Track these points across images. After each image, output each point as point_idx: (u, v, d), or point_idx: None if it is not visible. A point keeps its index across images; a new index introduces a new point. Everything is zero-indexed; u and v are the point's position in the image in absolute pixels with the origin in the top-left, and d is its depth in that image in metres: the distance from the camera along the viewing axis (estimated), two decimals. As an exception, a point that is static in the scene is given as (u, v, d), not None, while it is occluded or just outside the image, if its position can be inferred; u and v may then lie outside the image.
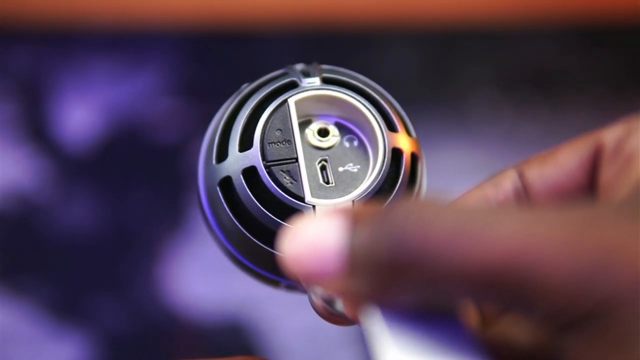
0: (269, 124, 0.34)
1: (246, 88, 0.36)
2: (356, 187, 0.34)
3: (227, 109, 0.35)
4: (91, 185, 0.77)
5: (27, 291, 0.74)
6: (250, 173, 0.34)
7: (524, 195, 0.31)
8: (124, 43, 0.84)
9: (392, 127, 0.35)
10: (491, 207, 0.26)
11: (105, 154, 0.79)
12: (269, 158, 0.34)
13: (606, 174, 0.29)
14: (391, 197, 0.34)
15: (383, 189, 0.34)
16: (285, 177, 0.34)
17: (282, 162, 0.34)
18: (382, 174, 0.34)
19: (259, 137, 0.34)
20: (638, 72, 0.84)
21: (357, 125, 0.35)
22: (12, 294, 0.74)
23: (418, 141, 0.36)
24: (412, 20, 0.83)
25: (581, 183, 0.30)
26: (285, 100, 0.35)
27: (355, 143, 0.35)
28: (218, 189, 0.34)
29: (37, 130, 0.80)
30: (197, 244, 0.76)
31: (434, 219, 0.24)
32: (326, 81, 0.35)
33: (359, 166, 0.35)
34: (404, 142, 0.35)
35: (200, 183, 0.36)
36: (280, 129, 0.34)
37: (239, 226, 0.34)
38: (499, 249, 0.24)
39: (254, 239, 0.34)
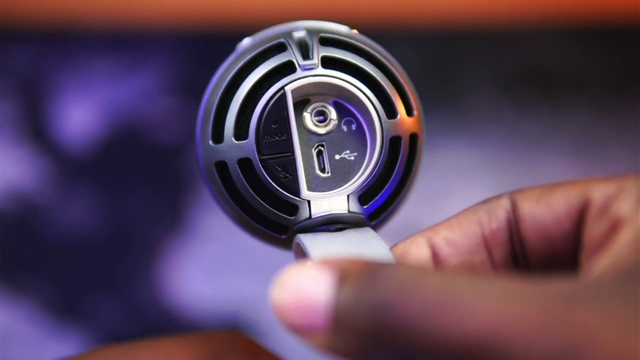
0: (265, 114, 0.33)
1: (242, 58, 0.34)
2: (352, 178, 0.34)
3: (222, 81, 0.35)
4: (91, 185, 0.77)
5: (27, 291, 0.74)
6: (245, 163, 0.34)
7: (515, 228, 0.31)
8: (123, 43, 0.84)
9: (392, 112, 0.34)
10: (473, 277, 0.26)
11: (105, 153, 0.79)
12: (265, 152, 0.33)
13: (590, 232, 0.29)
14: (387, 185, 0.34)
15: (379, 177, 0.34)
16: (280, 172, 0.34)
17: (278, 156, 0.34)
18: (379, 166, 0.34)
19: (254, 129, 0.33)
20: (638, 72, 0.84)
21: (356, 109, 0.34)
22: (12, 294, 0.74)
23: (420, 116, 0.35)
24: (412, 20, 0.83)
25: (568, 232, 0.30)
26: (282, 88, 0.33)
27: (354, 127, 0.35)
28: (215, 169, 0.34)
29: (36, 130, 0.80)
30: (197, 244, 0.76)
31: (416, 287, 0.25)
32: (326, 62, 0.34)
33: (355, 153, 0.34)
34: (404, 127, 0.34)
35: (198, 156, 0.35)
36: (276, 121, 0.33)
37: (236, 207, 0.35)
38: (476, 323, 0.24)
39: (251, 220, 0.35)
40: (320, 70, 0.33)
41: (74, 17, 0.84)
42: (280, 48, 0.34)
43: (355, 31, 0.36)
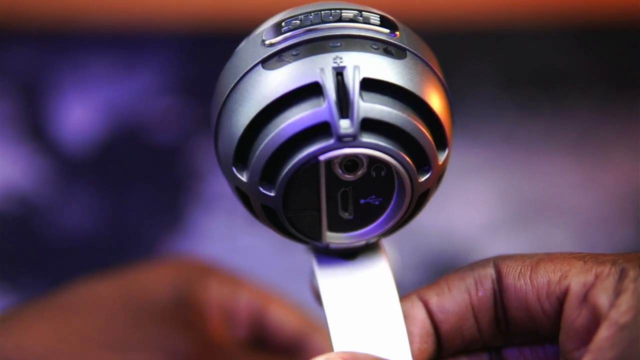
0: (296, 177, 0.31)
1: (271, 82, 0.30)
2: (374, 222, 0.33)
3: (247, 104, 0.31)
4: (90, 184, 0.77)
5: (27, 291, 0.74)
6: (269, 209, 0.32)
7: (499, 297, 0.33)
8: (123, 42, 0.83)
9: (425, 167, 0.32)
10: None
11: (104, 153, 0.79)
12: (291, 208, 0.32)
13: (570, 318, 0.31)
14: (407, 223, 0.34)
15: (402, 222, 0.33)
16: (305, 225, 0.32)
17: (304, 212, 0.32)
18: (403, 217, 0.33)
19: (282, 187, 0.31)
20: (639, 71, 0.84)
21: (390, 165, 0.31)
22: (11, 294, 0.74)
23: (451, 147, 0.33)
24: (412, 20, 0.83)
25: (548, 311, 0.32)
26: (315, 157, 0.30)
27: (383, 172, 0.32)
28: (236, 191, 0.33)
29: (36, 129, 0.79)
30: (197, 244, 0.76)
31: None
32: (366, 124, 0.30)
33: (382, 199, 0.32)
34: (434, 177, 0.32)
35: (217, 159, 0.33)
36: (306, 183, 0.31)
37: (258, 219, 0.33)
38: None
39: (274, 230, 0.34)
40: (359, 140, 0.30)
41: (73, 16, 0.84)
42: (315, 91, 0.30)
43: (397, 34, 0.32)
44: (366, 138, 0.30)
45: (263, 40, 0.31)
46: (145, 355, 0.46)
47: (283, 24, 0.32)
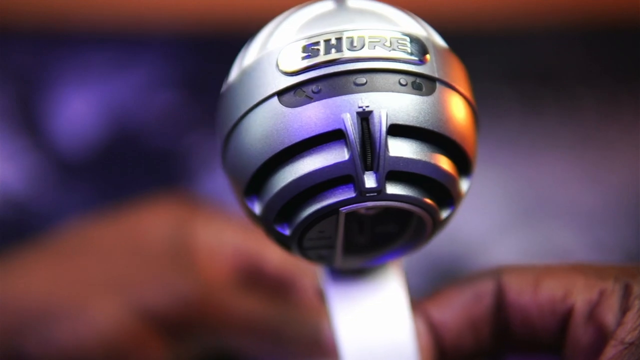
0: (312, 224, 0.29)
1: (292, 121, 0.28)
2: (389, 248, 0.32)
3: (264, 139, 0.28)
4: (86, 181, 0.77)
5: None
6: (283, 242, 0.31)
7: (501, 312, 0.33)
8: (120, 39, 0.83)
9: (448, 206, 0.30)
10: None
11: (101, 150, 0.78)
12: (306, 245, 0.30)
13: (575, 336, 0.32)
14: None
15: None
16: (319, 257, 0.31)
17: (319, 247, 0.31)
18: (416, 247, 0.32)
19: (298, 231, 0.29)
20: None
21: (413, 210, 0.30)
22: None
23: (472, 178, 0.31)
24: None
25: (551, 328, 0.32)
26: (337, 210, 0.28)
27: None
28: (248, 216, 0.31)
29: (32, 126, 0.79)
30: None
31: None
32: (391, 177, 0.28)
33: (399, 228, 0.31)
34: (455, 212, 0.31)
35: (225, 174, 0.31)
36: (323, 231, 0.30)
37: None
38: None
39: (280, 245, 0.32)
40: (383, 194, 0.28)
41: (70, 13, 0.84)
42: (338, 136, 0.28)
43: (426, 58, 0.30)
44: (390, 189, 0.28)
45: (278, 65, 0.28)
46: (145, 295, 0.47)
47: (302, 49, 0.29)
